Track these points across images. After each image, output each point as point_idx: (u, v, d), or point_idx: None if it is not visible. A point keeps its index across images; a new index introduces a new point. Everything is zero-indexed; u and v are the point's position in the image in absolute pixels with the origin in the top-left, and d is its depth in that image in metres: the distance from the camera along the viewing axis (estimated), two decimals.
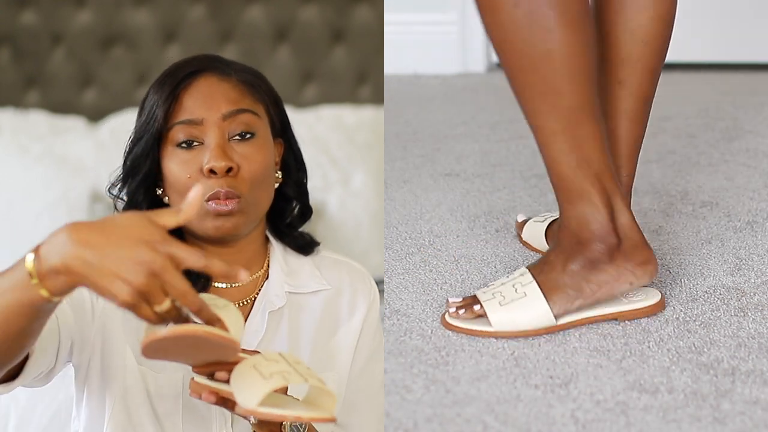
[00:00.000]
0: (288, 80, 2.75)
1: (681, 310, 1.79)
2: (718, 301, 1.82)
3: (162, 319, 1.07)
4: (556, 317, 1.67)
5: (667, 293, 1.85)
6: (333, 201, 2.51)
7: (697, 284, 1.87)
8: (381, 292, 1.86)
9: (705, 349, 1.68)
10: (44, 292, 1.06)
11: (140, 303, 1.05)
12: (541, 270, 1.69)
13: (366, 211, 2.51)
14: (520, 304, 1.67)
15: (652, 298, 1.75)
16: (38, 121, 2.70)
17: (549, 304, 1.66)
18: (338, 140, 2.58)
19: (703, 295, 1.84)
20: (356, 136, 2.60)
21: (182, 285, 1.06)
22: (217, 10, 2.77)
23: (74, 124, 2.71)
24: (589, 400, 1.56)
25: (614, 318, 1.72)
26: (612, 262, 1.66)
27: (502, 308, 1.67)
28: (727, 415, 1.52)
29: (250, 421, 1.25)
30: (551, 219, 1.96)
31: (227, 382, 1.20)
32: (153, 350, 1.14)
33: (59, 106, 2.78)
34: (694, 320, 1.76)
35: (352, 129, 2.61)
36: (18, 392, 1.98)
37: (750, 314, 1.77)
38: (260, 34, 2.76)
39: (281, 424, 1.27)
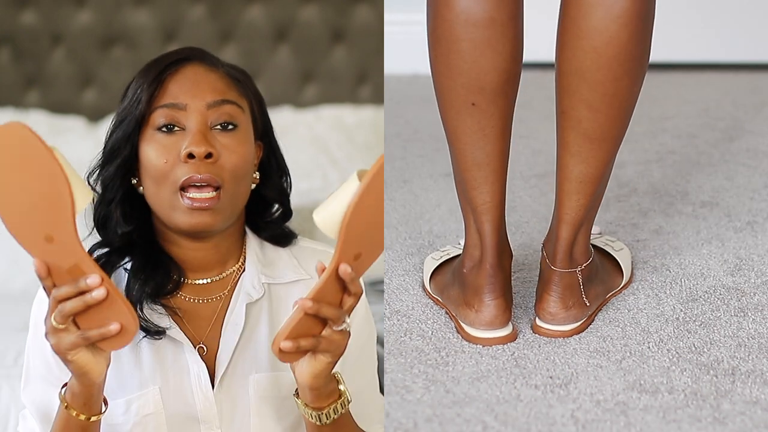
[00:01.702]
0: (288, 80, 2.75)
1: (681, 310, 1.79)
2: (718, 301, 1.82)
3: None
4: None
5: (667, 293, 1.85)
6: None
7: (697, 284, 1.87)
8: (381, 292, 1.86)
9: (705, 349, 1.67)
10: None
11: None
12: None
13: None
14: None
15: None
16: (38, 121, 2.70)
17: None
18: (338, 140, 2.58)
19: (703, 295, 1.84)
20: (356, 136, 2.60)
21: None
22: (217, 10, 2.77)
23: (74, 124, 2.71)
24: (589, 400, 1.56)
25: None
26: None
27: None
28: (727, 415, 1.52)
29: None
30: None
31: None
32: None
33: (59, 106, 2.78)
34: (694, 320, 1.76)
35: (352, 129, 2.61)
36: (18, 392, 1.98)
37: (750, 314, 1.77)
38: (260, 34, 2.76)
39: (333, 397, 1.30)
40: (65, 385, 1.29)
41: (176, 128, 1.32)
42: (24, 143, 1.18)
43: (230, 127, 1.34)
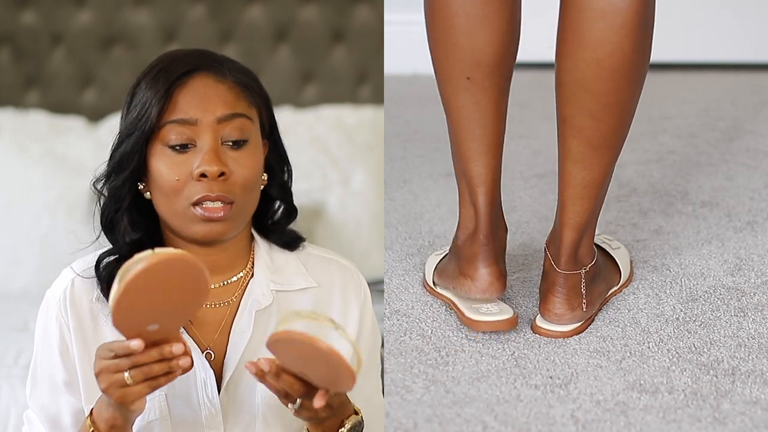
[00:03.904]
0: (288, 80, 2.75)
1: (681, 310, 1.79)
2: (718, 301, 1.82)
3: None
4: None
5: (667, 293, 1.85)
6: (333, 201, 2.51)
7: (697, 284, 1.87)
8: (381, 292, 1.86)
9: (705, 349, 1.68)
10: None
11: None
12: None
13: (366, 211, 2.51)
14: None
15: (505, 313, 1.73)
16: (38, 121, 2.70)
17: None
18: (338, 140, 2.58)
19: (703, 295, 1.84)
20: (356, 136, 2.60)
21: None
22: (217, 10, 2.77)
23: (74, 124, 2.70)
24: (589, 400, 1.56)
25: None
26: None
27: None
28: (727, 415, 1.52)
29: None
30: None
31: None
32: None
33: (59, 106, 2.78)
34: (694, 320, 1.76)
35: (352, 129, 2.61)
36: (18, 392, 1.98)
37: (750, 314, 1.77)
38: (260, 34, 2.76)
39: (341, 423, 1.30)
40: (92, 409, 1.29)
41: (189, 146, 1.32)
42: (191, 276, 1.19)
43: (242, 143, 1.34)
